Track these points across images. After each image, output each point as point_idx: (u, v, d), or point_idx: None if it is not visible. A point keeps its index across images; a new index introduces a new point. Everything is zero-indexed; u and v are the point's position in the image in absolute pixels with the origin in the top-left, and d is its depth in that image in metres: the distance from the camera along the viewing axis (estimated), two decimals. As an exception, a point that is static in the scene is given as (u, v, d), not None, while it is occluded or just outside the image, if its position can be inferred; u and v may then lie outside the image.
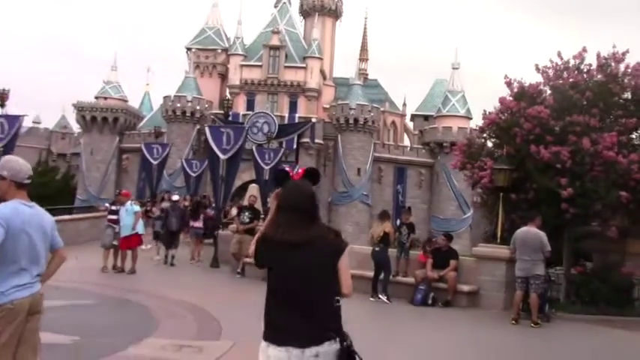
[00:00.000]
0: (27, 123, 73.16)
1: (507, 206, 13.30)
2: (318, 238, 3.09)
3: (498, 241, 12.93)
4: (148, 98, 63.66)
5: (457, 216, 49.82)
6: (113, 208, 15.97)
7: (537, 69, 14.81)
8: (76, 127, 63.15)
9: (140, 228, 15.55)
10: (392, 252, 13.72)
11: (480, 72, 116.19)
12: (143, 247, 16.22)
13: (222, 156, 20.14)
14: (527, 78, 15.04)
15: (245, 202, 18.12)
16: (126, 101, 54.60)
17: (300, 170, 3.36)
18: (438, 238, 18.46)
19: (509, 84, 15.31)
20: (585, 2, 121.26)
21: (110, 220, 15.69)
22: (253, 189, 18.51)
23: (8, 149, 19.95)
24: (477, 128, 16.35)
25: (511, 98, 15.19)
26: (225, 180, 20.09)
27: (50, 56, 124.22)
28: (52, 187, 56.23)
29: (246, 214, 16.58)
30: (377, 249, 13.14)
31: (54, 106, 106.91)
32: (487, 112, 15.86)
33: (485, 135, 16.17)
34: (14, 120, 20.26)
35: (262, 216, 18.20)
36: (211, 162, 20.63)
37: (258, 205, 17.23)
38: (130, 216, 15.19)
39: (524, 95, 13.93)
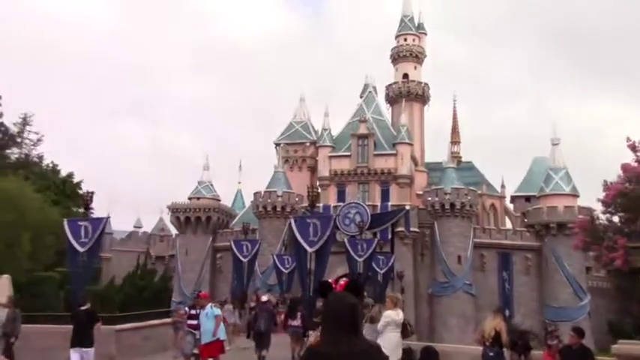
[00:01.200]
0: (128, 227, 75.99)
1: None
2: (363, 351, 3.11)
3: (646, 336, 10.43)
4: (240, 195, 64.26)
5: (573, 303, 45.34)
6: (192, 312, 14.68)
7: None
8: (173, 229, 64.26)
9: (222, 333, 14.05)
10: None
11: (579, 146, 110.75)
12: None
13: (309, 249, 18.70)
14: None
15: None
16: (218, 200, 55.06)
17: (342, 282, 3.45)
18: (555, 330, 16.04)
19: (633, 147, 13.14)
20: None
21: (190, 326, 14.36)
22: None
23: (93, 253, 19.37)
24: (600, 202, 14.09)
25: (637, 164, 12.99)
26: (314, 274, 18.56)
27: (150, 160, 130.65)
28: (150, 290, 56.78)
29: None
30: (491, 354, 10.99)
31: (155, 209, 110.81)
32: (609, 183, 13.65)
33: (610, 209, 13.89)
34: (98, 223, 19.62)
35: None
36: (298, 256, 19.21)
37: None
38: (210, 320, 13.76)
39: (660, 157, 11.74)
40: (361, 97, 56.55)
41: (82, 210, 51.51)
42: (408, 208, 45.10)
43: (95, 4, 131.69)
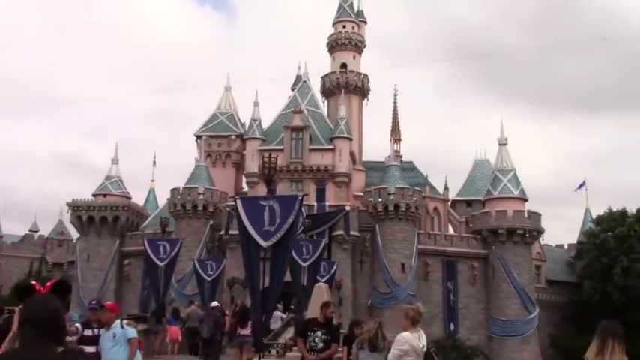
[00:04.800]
0: (22, 231, 66.92)
1: None
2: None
3: None
4: (153, 196, 57.10)
5: (521, 316, 41.76)
6: (87, 332, 8.84)
7: None
8: (74, 233, 56.39)
9: (139, 366, 8.49)
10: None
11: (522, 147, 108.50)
12: None
13: (263, 242, 13.14)
14: None
15: (310, 314, 10.98)
16: (129, 198, 47.99)
17: (48, 283, 3.18)
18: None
19: None
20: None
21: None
22: (323, 290, 11.30)
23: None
24: None
25: None
26: (271, 278, 13.01)
27: (52, 165, 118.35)
28: (43, 302, 48.96)
29: (319, 333, 9.53)
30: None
31: (54, 214, 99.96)
32: None
33: None
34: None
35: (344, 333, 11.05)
36: (247, 252, 13.51)
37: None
38: (120, 346, 8.36)
39: None
40: (293, 89, 51.35)
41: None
42: (348, 208, 40.25)
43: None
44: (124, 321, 8.73)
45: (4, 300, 49.27)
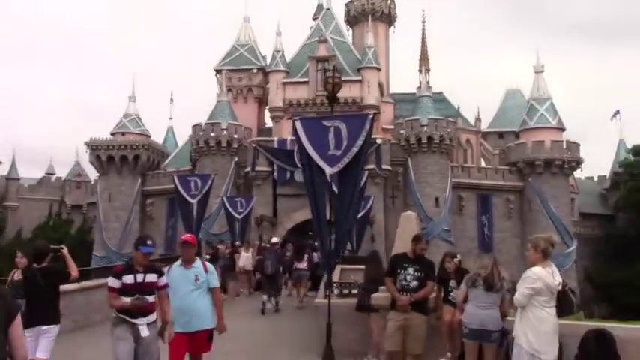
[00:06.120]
0: (39, 174, 65.83)
1: None
2: None
3: None
4: (171, 134, 55.44)
5: (559, 250, 40.24)
6: (127, 280, 6.54)
7: None
8: (92, 175, 55.10)
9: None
10: None
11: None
12: None
13: (328, 168, 11.44)
14: None
15: (397, 248, 9.32)
16: (148, 136, 46.33)
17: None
18: None
19: None
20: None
21: (122, 309, 6.48)
22: (412, 220, 9.60)
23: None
24: None
25: None
26: (342, 211, 11.34)
27: (65, 110, 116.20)
28: (66, 244, 48.05)
29: (410, 270, 8.11)
30: None
31: (70, 157, 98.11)
32: None
33: None
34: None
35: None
36: (311, 182, 11.84)
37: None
38: (201, 293, 6.83)
39: None
40: (314, 19, 48.68)
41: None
42: (379, 142, 38.32)
43: None
44: (207, 263, 7.10)
45: (25, 243, 48.63)
